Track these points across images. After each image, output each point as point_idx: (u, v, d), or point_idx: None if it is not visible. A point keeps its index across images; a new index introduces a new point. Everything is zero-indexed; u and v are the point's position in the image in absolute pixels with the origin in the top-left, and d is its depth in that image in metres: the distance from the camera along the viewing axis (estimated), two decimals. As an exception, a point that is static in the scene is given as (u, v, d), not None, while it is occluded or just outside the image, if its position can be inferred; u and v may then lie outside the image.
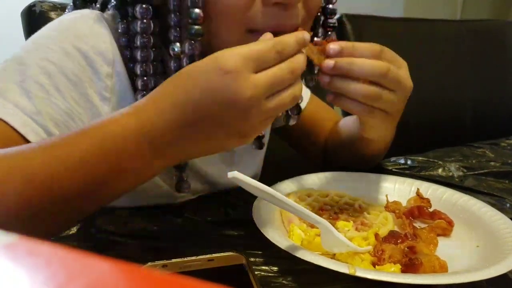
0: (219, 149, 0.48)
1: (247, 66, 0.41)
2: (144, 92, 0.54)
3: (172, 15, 0.52)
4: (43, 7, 0.80)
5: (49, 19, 0.79)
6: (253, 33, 0.51)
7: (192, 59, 0.52)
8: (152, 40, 0.53)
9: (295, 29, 0.51)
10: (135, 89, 0.56)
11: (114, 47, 0.55)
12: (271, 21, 0.51)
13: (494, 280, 0.42)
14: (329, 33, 0.62)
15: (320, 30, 0.62)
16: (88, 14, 0.57)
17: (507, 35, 1.53)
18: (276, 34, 0.47)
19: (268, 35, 0.47)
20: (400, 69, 0.54)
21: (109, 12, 0.60)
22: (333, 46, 0.50)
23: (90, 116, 0.54)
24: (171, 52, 0.52)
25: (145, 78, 0.54)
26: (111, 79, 0.55)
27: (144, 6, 0.52)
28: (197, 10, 0.50)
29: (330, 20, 0.61)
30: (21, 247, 0.16)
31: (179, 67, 0.52)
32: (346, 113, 1.01)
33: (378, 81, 0.51)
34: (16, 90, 0.49)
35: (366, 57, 0.51)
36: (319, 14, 0.61)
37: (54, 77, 0.51)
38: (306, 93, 0.82)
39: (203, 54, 0.47)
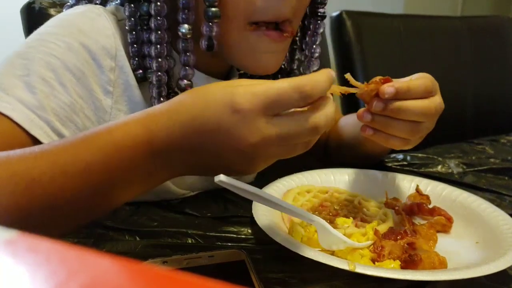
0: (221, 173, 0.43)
1: (260, 108, 0.37)
2: (157, 89, 0.56)
3: None
4: (42, 4, 0.80)
5: (49, 16, 0.79)
6: (254, 26, 0.54)
7: (210, 41, 0.54)
8: (166, 23, 0.55)
9: (287, 20, 0.54)
10: (138, 82, 0.57)
11: (117, 41, 0.56)
12: (269, 12, 0.53)
13: (493, 276, 0.42)
14: (319, 22, 0.63)
15: (311, 21, 0.64)
16: (90, 9, 0.58)
17: (508, 31, 1.53)
18: (271, 24, 0.53)
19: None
20: (438, 95, 0.54)
21: (112, 5, 0.61)
22: (389, 90, 0.49)
23: (93, 110, 0.55)
24: (180, 33, 0.54)
25: (159, 59, 0.55)
26: (114, 72, 0.56)
27: None
28: None
29: (320, 10, 0.62)
30: (20, 243, 0.16)
31: (187, 48, 0.55)
32: (347, 111, 1.00)
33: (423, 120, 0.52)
34: (20, 85, 0.49)
35: (419, 97, 0.51)
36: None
37: (58, 72, 0.51)
38: None
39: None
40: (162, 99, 0.57)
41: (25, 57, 0.51)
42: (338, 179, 0.65)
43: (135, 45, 0.57)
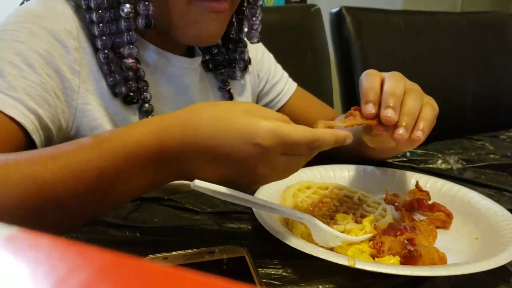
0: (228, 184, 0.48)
1: (277, 147, 0.42)
2: (105, 52, 0.58)
3: None
4: None
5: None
6: (193, 3, 0.57)
7: (148, 19, 0.57)
8: (106, 2, 0.57)
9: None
10: (101, 64, 0.59)
11: (77, 23, 0.58)
12: None
13: (493, 272, 0.42)
14: (260, 2, 0.66)
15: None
16: None
17: (508, 27, 1.53)
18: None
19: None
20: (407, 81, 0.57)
21: None
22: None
23: (62, 89, 0.56)
24: (122, 13, 0.57)
25: (103, 37, 0.58)
26: (79, 52, 0.58)
27: None
28: None
29: None
30: (21, 240, 0.16)
31: (129, 27, 0.58)
32: (347, 108, 1.00)
33: None
34: None
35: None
36: None
37: (25, 55, 0.53)
38: (290, 87, 0.83)
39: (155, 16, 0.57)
40: (113, 74, 0.59)
41: None
42: (338, 175, 0.65)
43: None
